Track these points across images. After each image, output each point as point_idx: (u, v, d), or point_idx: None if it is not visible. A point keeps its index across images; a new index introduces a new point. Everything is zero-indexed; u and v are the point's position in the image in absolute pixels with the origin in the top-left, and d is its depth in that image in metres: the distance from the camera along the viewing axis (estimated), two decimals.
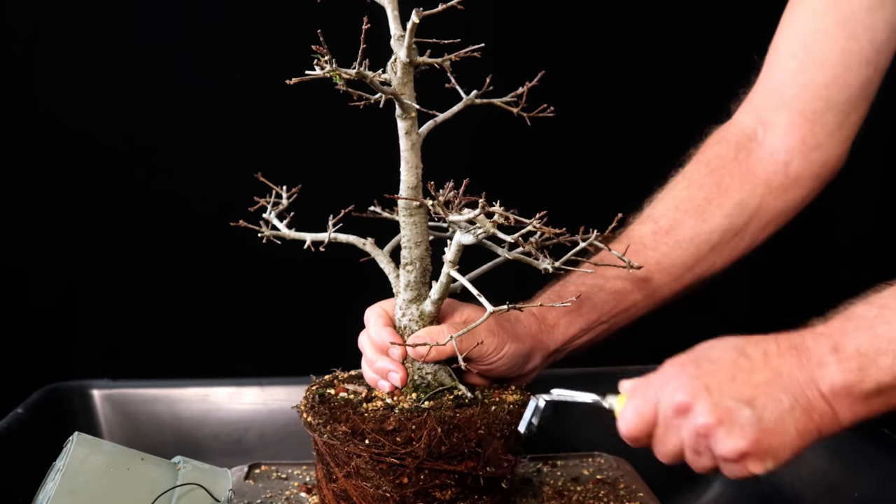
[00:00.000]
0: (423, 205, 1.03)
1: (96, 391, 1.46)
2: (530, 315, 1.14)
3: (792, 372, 0.92)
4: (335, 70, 0.93)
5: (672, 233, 1.20)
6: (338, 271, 1.50)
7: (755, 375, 0.93)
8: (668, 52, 1.84)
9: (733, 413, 0.91)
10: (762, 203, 1.22)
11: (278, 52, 1.71)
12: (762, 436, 0.91)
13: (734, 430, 0.91)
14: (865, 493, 1.15)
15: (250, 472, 1.28)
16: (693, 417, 0.93)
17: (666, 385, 0.95)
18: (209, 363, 1.56)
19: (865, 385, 0.91)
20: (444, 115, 1.04)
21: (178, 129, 1.80)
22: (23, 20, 1.74)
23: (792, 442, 0.92)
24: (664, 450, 0.97)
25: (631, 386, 1.00)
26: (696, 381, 0.93)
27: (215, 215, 1.79)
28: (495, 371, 1.11)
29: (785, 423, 0.92)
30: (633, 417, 0.97)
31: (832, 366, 0.91)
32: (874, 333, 0.91)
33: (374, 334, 1.09)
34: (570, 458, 1.33)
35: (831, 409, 0.92)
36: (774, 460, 0.92)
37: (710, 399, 0.92)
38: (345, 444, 1.02)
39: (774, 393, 0.92)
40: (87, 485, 1.12)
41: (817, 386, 0.92)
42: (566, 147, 1.78)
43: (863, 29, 1.16)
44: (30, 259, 1.82)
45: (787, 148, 1.21)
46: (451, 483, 1.01)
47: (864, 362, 0.91)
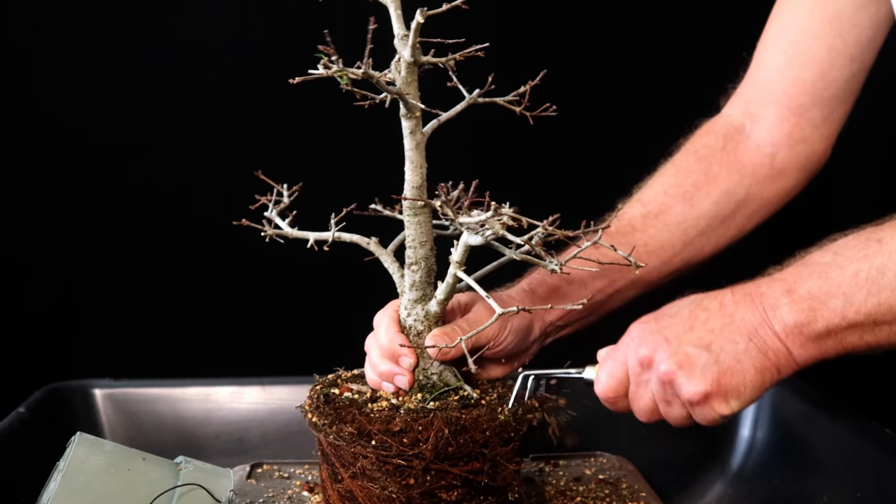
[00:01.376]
0: (428, 205, 1.03)
1: (98, 390, 1.45)
2: (522, 291, 1.17)
3: (746, 316, 0.98)
4: (342, 70, 0.93)
5: (661, 217, 1.23)
6: (340, 270, 1.49)
7: (711, 323, 0.99)
8: (664, 47, 1.85)
9: (692, 358, 0.97)
10: (749, 192, 1.26)
11: (280, 51, 1.71)
12: (721, 376, 0.97)
13: (694, 373, 0.97)
14: (866, 492, 1.15)
15: (252, 471, 1.28)
16: (656, 367, 0.99)
17: (631, 343, 1.02)
18: (211, 362, 1.56)
19: (816, 325, 0.96)
20: (448, 114, 1.04)
21: (180, 127, 1.80)
22: (23, 18, 1.74)
23: (752, 379, 0.98)
24: (639, 406, 1.03)
25: (605, 352, 1.06)
26: (656, 334, 1.00)
27: (217, 214, 1.80)
28: (504, 350, 1.13)
29: (742, 363, 0.97)
30: (606, 380, 1.04)
31: (785, 307, 0.97)
32: (826, 277, 0.96)
33: (385, 339, 1.09)
34: (573, 457, 1.33)
35: (785, 348, 0.97)
36: (738, 399, 0.98)
37: (670, 348, 0.99)
38: (351, 445, 1.01)
39: (730, 336, 0.98)
40: (88, 485, 1.12)
41: (771, 326, 0.97)
42: (565, 145, 1.78)
43: (849, 27, 1.20)
44: (31, 258, 1.82)
45: (773, 140, 1.25)
46: (457, 484, 1.01)
47: (815, 304, 0.96)
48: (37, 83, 1.77)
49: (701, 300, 1.01)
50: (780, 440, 1.34)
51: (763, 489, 1.31)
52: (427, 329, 1.07)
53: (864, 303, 0.95)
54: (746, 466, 1.36)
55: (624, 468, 1.31)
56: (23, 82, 1.76)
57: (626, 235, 1.19)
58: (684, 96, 1.76)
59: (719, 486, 1.36)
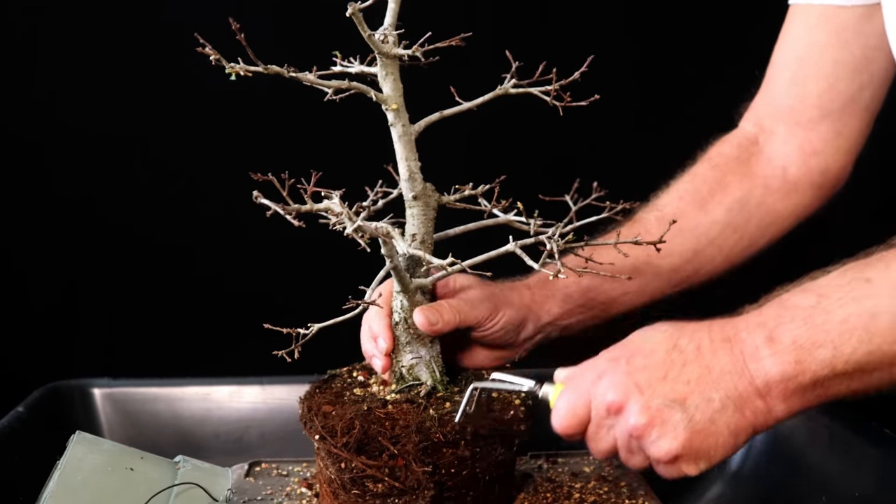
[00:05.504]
0: (420, 197, 1.05)
1: (97, 390, 1.45)
2: (523, 286, 1.17)
3: (724, 367, 0.91)
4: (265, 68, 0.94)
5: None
6: (340, 271, 1.49)
7: (687, 372, 0.92)
8: (672, 56, 1.85)
9: (665, 414, 0.91)
10: (762, 203, 1.24)
11: (280, 49, 1.71)
12: (694, 436, 0.91)
13: (666, 431, 0.91)
14: (866, 492, 1.15)
15: (251, 469, 1.28)
16: (625, 418, 0.93)
17: (599, 381, 0.95)
18: (209, 362, 1.56)
19: (803, 378, 0.89)
20: (453, 110, 1.05)
21: (179, 128, 1.80)
22: (23, 17, 1.74)
23: (724, 441, 0.92)
24: (598, 447, 0.98)
25: (565, 376, 1.00)
26: (627, 378, 0.93)
27: (216, 214, 1.81)
28: (491, 337, 1.13)
29: (716, 423, 0.91)
30: (566, 414, 0.97)
31: (767, 359, 0.90)
32: (812, 324, 0.89)
33: (372, 319, 1.11)
34: (572, 454, 1.33)
35: (765, 405, 0.91)
36: (707, 461, 0.92)
37: (642, 399, 0.92)
38: (308, 423, 1.07)
39: (706, 392, 0.91)
40: (85, 483, 1.12)
41: (751, 380, 0.91)
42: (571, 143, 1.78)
43: (854, 36, 1.20)
44: (30, 258, 1.82)
45: (785, 154, 1.25)
46: (381, 477, 1.02)
47: (801, 355, 0.88)
48: (37, 83, 1.77)
49: (677, 340, 0.94)
50: (779, 440, 1.33)
51: (762, 489, 1.31)
52: (403, 321, 1.09)
53: (855, 352, 0.87)
54: (745, 466, 1.35)
55: (623, 466, 1.30)
56: (22, 82, 1.76)
57: (641, 238, 1.18)
58: (689, 103, 1.78)
59: (718, 485, 1.36)
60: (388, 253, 1.01)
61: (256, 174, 0.96)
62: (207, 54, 0.92)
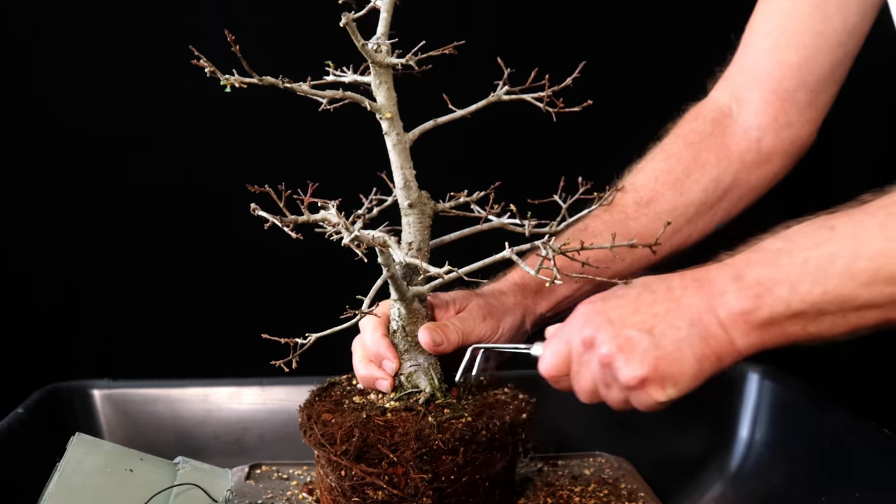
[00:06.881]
0: (416, 205, 1.05)
1: (97, 391, 1.45)
2: (513, 285, 1.18)
3: (692, 301, 0.96)
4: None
5: (652, 205, 1.23)
6: (340, 271, 1.49)
7: (656, 307, 0.97)
8: (673, 56, 1.84)
9: (632, 341, 0.96)
10: (736, 178, 1.26)
11: (280, 49, 1.71)
12: (660, 362, 0.95)
13: (633, 357, 0.96)
14: (865, 492, 1.15)
15: (251, 472, 1.28)
16: (597, 349, 0.97)
17: (576, 323, 1.00)
18: (210, 363, 1.56)
19: (761, 313, 0.94)
20: (446, 118, 1.05)
21: (179, 126, 1.80)
22: (23, 15, 1.74)
23: (690, 367, 0.96)
24: (580, 386, 1.02)
25: (552, 329, 1.05)
26: (600, 314, 0.99)
27: (216, 215, 1.80)
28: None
29: (682, 350, 0.95)
30: (550, 358, 1.03)
31: (731, 293, 0.94)
32: (775, 265, 0.94)
33: (370, 342, 1.11)
34: (571, 457, 1.33)
35: (727, 335, 0.95)
36: (675, 386, 0.96)
37: (612, 330, 0.97)
38: (308, 431, 1.07)
39: (673, 321, 0.96)
40: (84, 485, 1.12)
41: (715, 313, 0.95)
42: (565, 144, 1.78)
43: (836, 11, 1.20)
44: (30, 258, 1.82)
45: (760, 125, 1.26)
46: (381, 485, 1.02)
47: (761, 290, 0.93)
48: (37, 83, 1.77)
49: (650, 283, 1.00)
50: (778, 440, 1.34)
51: (762, 489, 1.31)
52: (401, 329, 1.09)
53: (810, 291, 0.92)
54: (745, 466, 1.36)
55: (623, 468, 1.30)
56: (23, 81, 1.76)
57: (620, 224, 1.20)
58: (672, 78, 1.76)
59: (718, 486, 1.36)
60: (384, 262, 1.02)
61: (254, 186, 0.96)
62: (202, 66, 0.92)
